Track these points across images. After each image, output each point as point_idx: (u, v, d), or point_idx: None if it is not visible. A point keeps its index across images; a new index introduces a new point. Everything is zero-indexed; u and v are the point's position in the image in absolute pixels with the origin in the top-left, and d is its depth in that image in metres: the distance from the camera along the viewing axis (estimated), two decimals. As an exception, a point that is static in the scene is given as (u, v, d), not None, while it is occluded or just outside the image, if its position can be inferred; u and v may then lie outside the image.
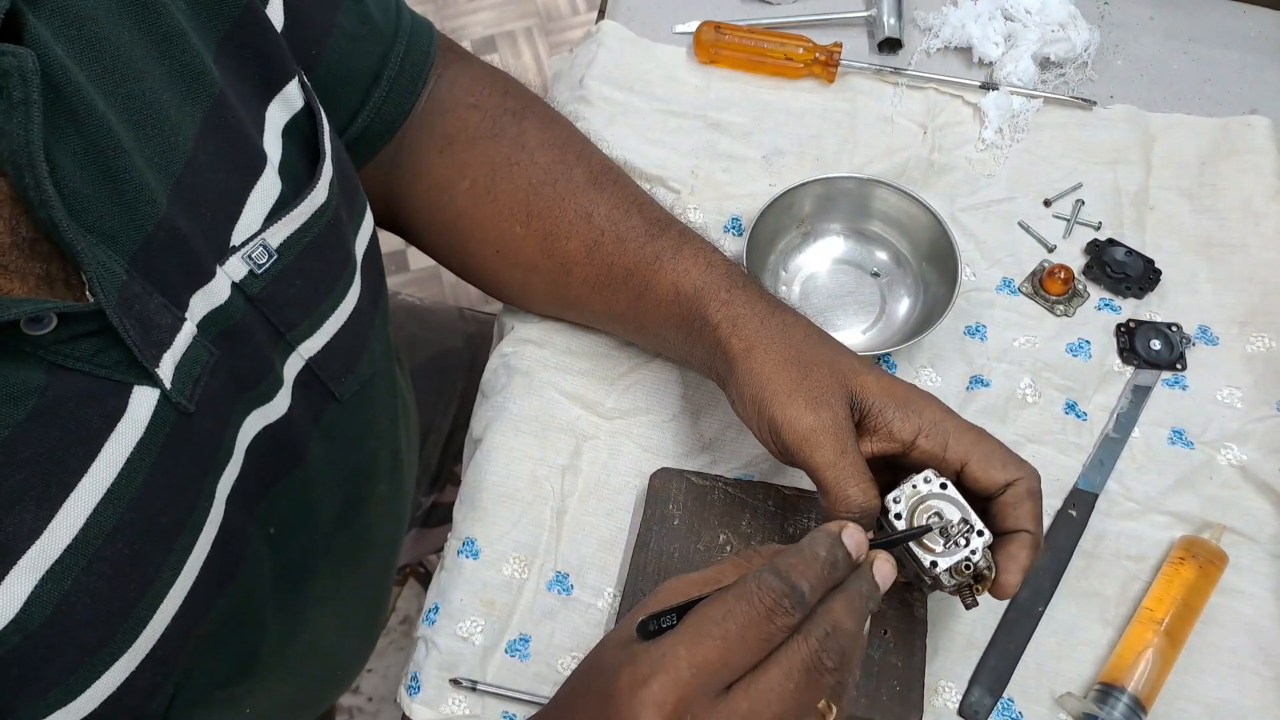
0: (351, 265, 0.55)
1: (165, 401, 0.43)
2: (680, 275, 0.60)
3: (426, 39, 0.65)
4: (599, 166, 0.65)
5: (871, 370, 0.55)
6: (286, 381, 0.52)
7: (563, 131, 0.66)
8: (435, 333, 0.94)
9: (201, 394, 0.45)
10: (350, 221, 0.55)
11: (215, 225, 0.46)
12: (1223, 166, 0.77)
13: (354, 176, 0.57)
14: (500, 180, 0.64)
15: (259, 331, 0.49)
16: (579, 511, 0.65)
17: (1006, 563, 0.51)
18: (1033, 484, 0.52)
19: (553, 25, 1.98)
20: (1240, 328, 0.71)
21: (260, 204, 0.47)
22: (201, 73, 0.45)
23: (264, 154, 0.48)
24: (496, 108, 0.65)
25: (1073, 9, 0.81)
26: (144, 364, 0.41)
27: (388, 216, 0.69)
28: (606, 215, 0.62)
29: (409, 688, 0.61)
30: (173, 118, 0.43)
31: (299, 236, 0.49)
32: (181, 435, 0.44)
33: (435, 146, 0.65)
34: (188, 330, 0.44)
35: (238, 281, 0.47)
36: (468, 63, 0.68)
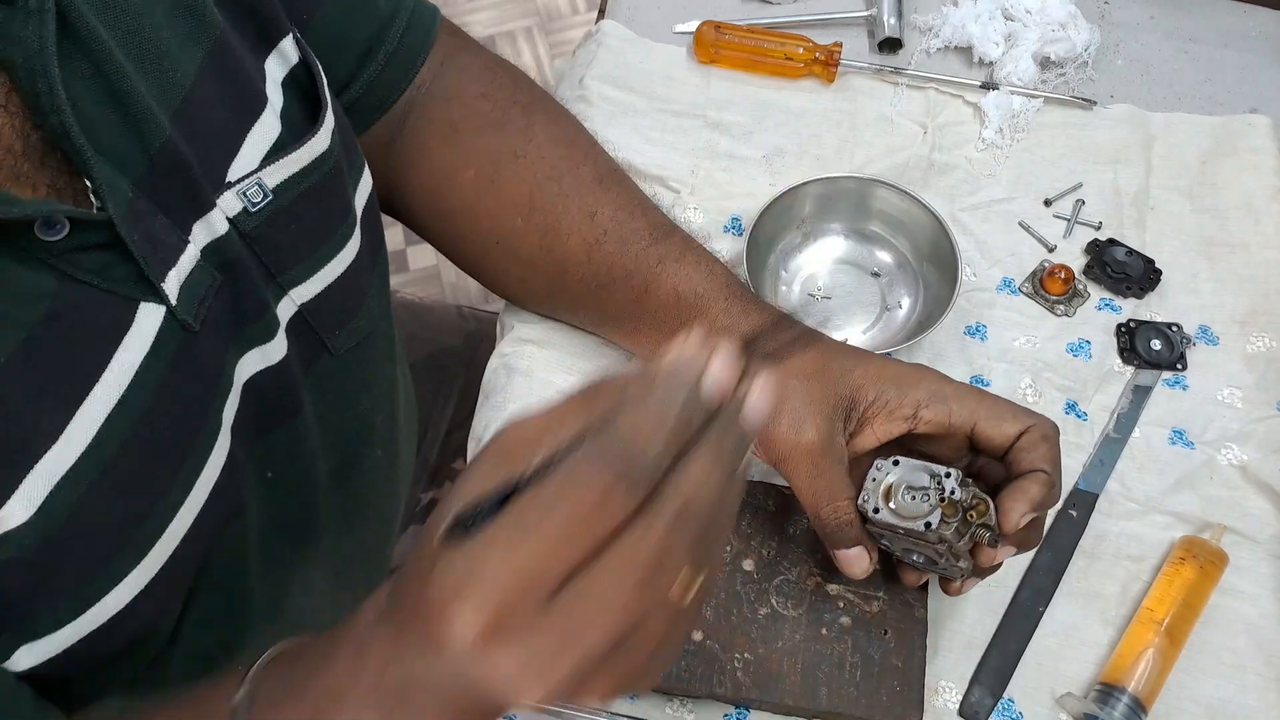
0: (351, 218, 0.55)
1: (171, 318, 0.44)
2: (681, 279, 0.60)
3: (429, 20, 0.65)
4: (605, 167, 0.65)
5: (866, 363, 0.56)
6: (278, 322, 0.52)
7: (571, 128, 0.67)
8: (434, 331, 0.94)
9: (206, 315, 0.46)
10: (351, 175, 0.56)
11: (213, 159, 0.47)
12: (1223, 166, 0.77)
13: (350, 132, 0.58)
14: (504, 172, 0.64)
15: (252, 269, 0.49)
16: (579, 511, 0.65)
17: (1014, 495, 0.51)
18: (1046, 430, 0.53)
19: (553, 25, 1.98)
20: (1240, 328, 0.71)
21: (258, 143, 0.48)
22: (203, 14, 0.46)
23: (264, 96, 0.49)
24: (506, 99, 0.66)
25: (1073, 9, 0.81)
26: (151, 279, 0.43)
27: (388, 201, 0.69)
28: (611, 216, 0.62)
29: (409, 688, 0.61)
30: (173, 54, 0.45)
31: (297, 180, 0.50)
32: (187, 356, 0.45)
33: (438, 133, 0.65)
34: (191, 252, 0.45)
35: (231, 217, 0.47)
36: (477, 52, 0.68)
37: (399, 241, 1.77)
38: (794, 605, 0.59)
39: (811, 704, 0.57)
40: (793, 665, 0.57)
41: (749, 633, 0.58)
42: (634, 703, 0.59)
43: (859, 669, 0.57)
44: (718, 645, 0.58)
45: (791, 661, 0.57)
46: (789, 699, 0.57)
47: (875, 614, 0.59)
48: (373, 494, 0.67)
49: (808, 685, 0.57)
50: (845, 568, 0.55)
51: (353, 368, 0.59)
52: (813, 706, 0.57)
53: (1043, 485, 0.51)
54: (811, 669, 0.57)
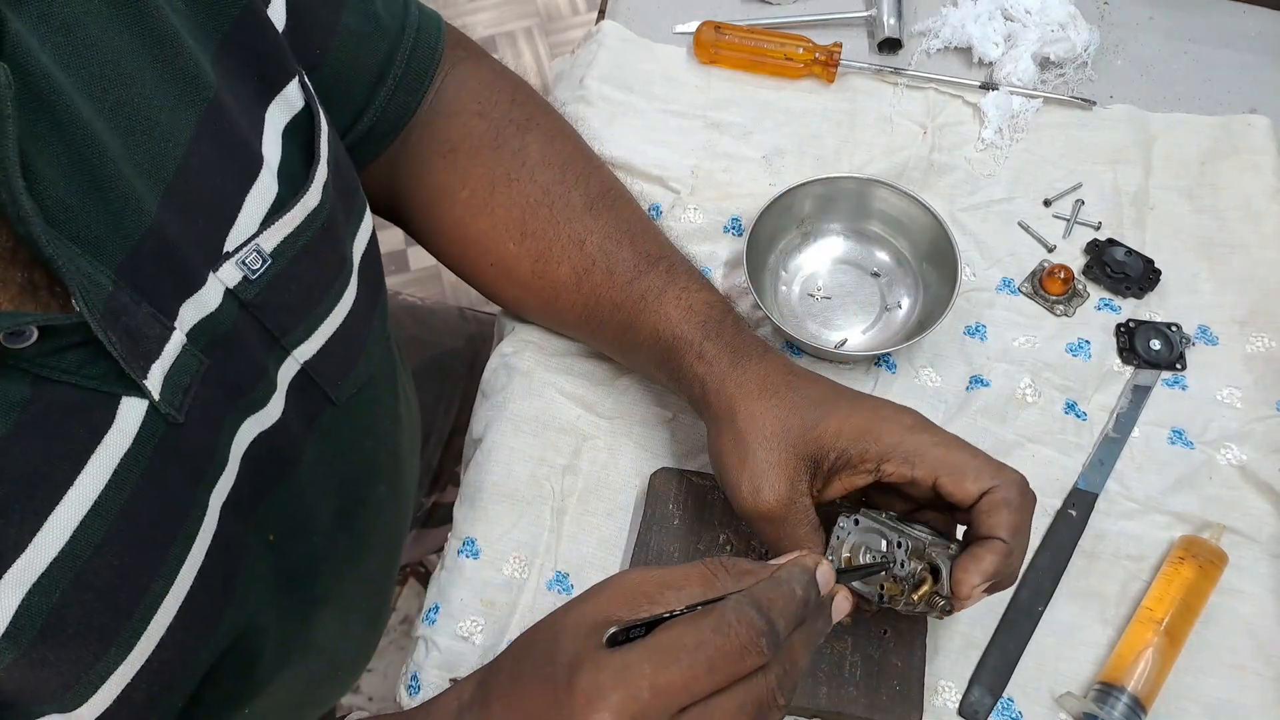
0: (347, 268, 0.54)
1: (154, 412, 0.42)
2: (660, 320, 0.60)
3: (434, 34, 0.64)
4: (597, 190, 0.64)
5: (831, 413, 0.55)
6: (280, 387, 0.51)
7: (565, 148, 0.66)
8: (436, 333, 0.94)
9: (192, 403, 0.44)
10: (349, 224, 0.55)
11: (209, 230, 0.45)
12: (1223, 166, 0.77)
13: (353, 178, 0.56)
14: (498, 195, 0.64)
15: (252, 338, 0.48)
16: (579, 511, 0.65)
17: (966, 564, 0.51)
18: (1009, 493, 0.51)
19: (553, 25, 1.99)
20: (1240, 327, 0.71)
21: (257, 208, 0.47)
22: (196, 76, 0.44)
23: (260, 157, 0.47)
24: (502, 117, 0.65)
25: (1073, 9, 0.81)
26: (131, 375, 0.41)
27: (392, 212, 0.69)
28: (598, 245, 0.62)
29: (409, 687, 0.61)
30: (165, 122, 0.43)
31: (293, 240, 0.49)
32: (171, 445, 0.43)
33: (439, 151, 0.65)
34: (177, 340, 0.43)
35: (232, 288, 0.46)
36: (478, 62, 0.67)
37: (399, 242, 1.77)
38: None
39: (811, 703, 0.57)
40: (792, 665, 0.57)
41: (749, 632, 0.58)
42: (634, 702, 0.59)
43: (859, 668, 0.57)
44: (718, 645, 0.58)
45: (791, 661, 0.58)
46: (789, 698, 0.57)
47: (875, 614, 0.59)
48: (378, 528, 0.67)
49: (808, 685, 0.57)
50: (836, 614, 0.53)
51: (355, 414, 0.59)
52: (813, 706, 0.57)
53: (998, 555, 0.50)
54: (811, 668, 0.57)
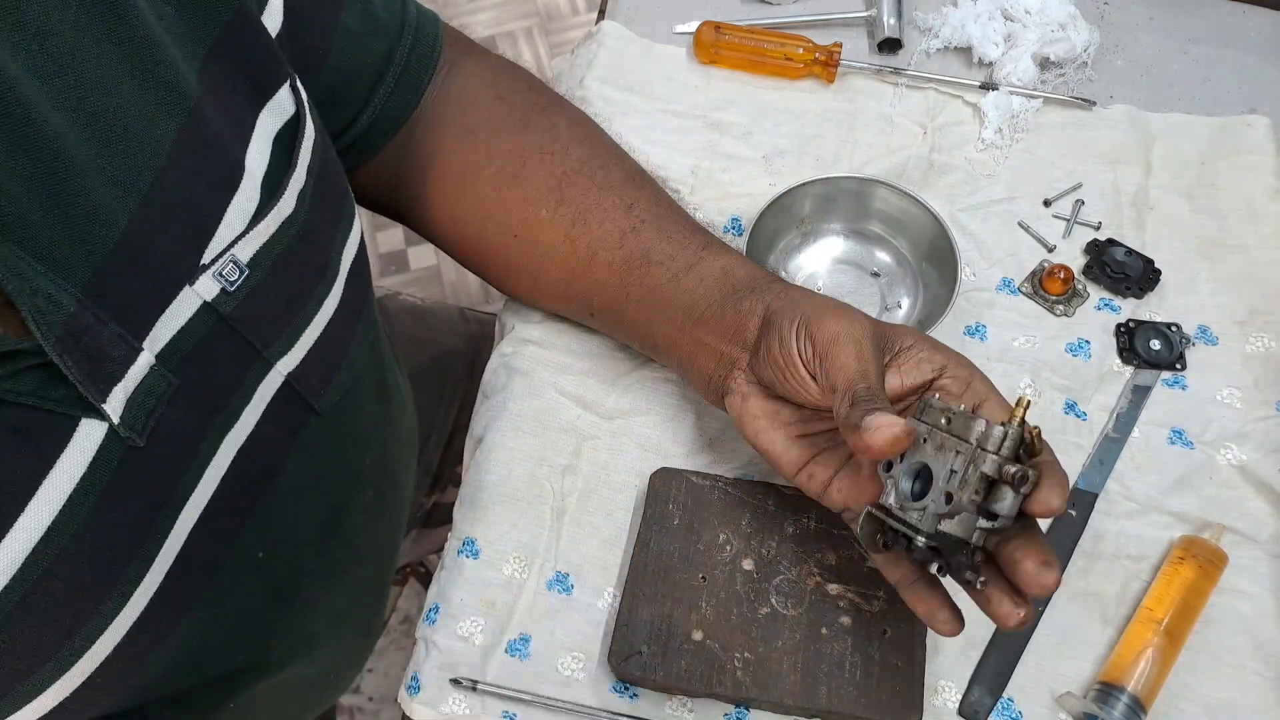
0: (329, 275, 0.53)
1: (113, 435, 0.41)
2: (733, 262, 0.61)
3: (432, 32, 0.64)
4: (634, 166, 0.65)
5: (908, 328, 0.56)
6: (259, 399, 0.50)
7: (594, 129, 0.67)
8: (436, 333, 0.94)
9: (156, 425, 0.43)
10: (335, 231, 0.54)
11: (187, 243, 0.44)
12: (1222, 166, 0.77)
13: (341, 185, 0.55)
14: (530, 167, 0.64)
15: (228, 352, 0.47)
16: (579, 511, 0.65)
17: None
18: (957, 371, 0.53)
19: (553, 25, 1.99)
20: (1240, 328, 0.71)
21: (237, 219, 0.46)
22: (176, 85, 0.43)
23: (243, 167, 0.46)
24: (524, 101, 0.65)
25: (1073, 9, 0.81)
26: (89, 399, 0.40)
27: (392, 206, 0.68)
28: (649, 209, 0.63)
29: (409, 687, 0.61)
30: (143, 132, 0.41)
31: (268, 249, 0.47)
32: (132, 469, 0.42)
33: (453, 134, 0.64)
34: (144, 361, 0.42)
35: (210, 300, 0.45)
36: (482, 56, 0.68)
37: (399, 241, 1.77)
38: (794, 605, 0.59)
39: (811, 703, 0.57)
40: (793, 665, 0.58)
41: (749, 632, 0.58)
42: (634, 702, 0.59)
43: (859, 668, 0.57)
44: (718, 645, 0.58)
45: (791, 661, 0.58)
46: (789, 698, 0.57)
47: (875, 613, 0.59)
48: (366, 534, 0.66)
49: (808, 685, 0.57)
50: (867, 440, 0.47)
51: (338, 422, 0.58)
52: (813, 706, 0.57)
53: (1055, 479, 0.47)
54: (811, 668, 0.57)
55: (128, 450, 0.42)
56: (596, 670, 0.60)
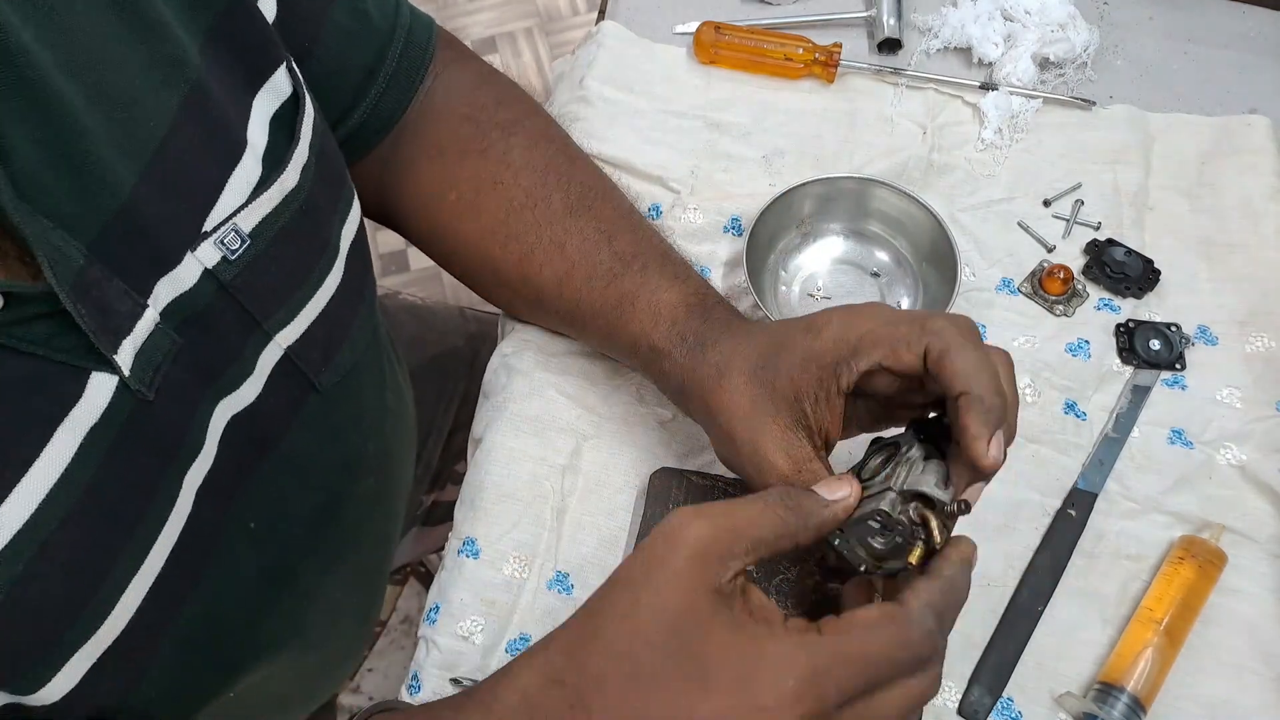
0: (330, 252, 0.54)
1: (124, 388, 0.42)
2: (638, 329, 0.59)
3: (425, 36, 0.65)
4: (577, 193, 0.64)
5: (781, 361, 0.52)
6: (259, 369, 0.51)
7: (548, 151, 0.65)
8: (436, 332, 0.94)
9: (163, 382, 0.44)
10: (335, 210, 0.55)
11: (189, 210, 0.45)
12: (1222, 166, 0.77)
13: (340, 166, 0.57)
14: (484, 198, 0.64)
15: (229, 320, 0.48)
16: (579, 511, 0.65)
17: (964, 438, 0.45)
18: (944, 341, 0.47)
19: (553, 25, 1.99)
20: (1240, 328, 0.71)
21: (238, 190, 0.47)
22: (181, 60, 0.44)
23: (245, 141, 0.48)
24: (488, 120, 0.65)
25: (1072, 9, 0.81)
26: (101, 350, 0.41)
27: (384, 215, 0.69)
28: (577, 248, 0.62)
29: (410, 687, 0.61)
30: (147, 103, 0.43)
31: (271, 220, 0.49)
32: (141, 423, 0.44)
33: (427, 154, 0.65)
34: (149, 317, 0.43)
35: (211, 267, 0.46)
36: (466, 64, 0.68)
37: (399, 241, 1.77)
38: (794, 605, 0.59)
39: (811, 703, 0.57)
40: (792, 665, 0.57)
41: (749, 632, 0.58)
42: (634, 702, 0.59)
43: (858, 668, 0.57)
44: (718, 645, 0.58)
45: (791, 661, 0.58)
46: (789, 698, 0.57)
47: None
48: (366, 521, 0.67)
49: (807, 685, 0.57)
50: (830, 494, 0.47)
51: (340, 403, 0.58)
52: (812, 706, 0.57)
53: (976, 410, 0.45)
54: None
55: (137, 404, 0.43)
56: (596, 670, 0.60)
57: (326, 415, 0.57)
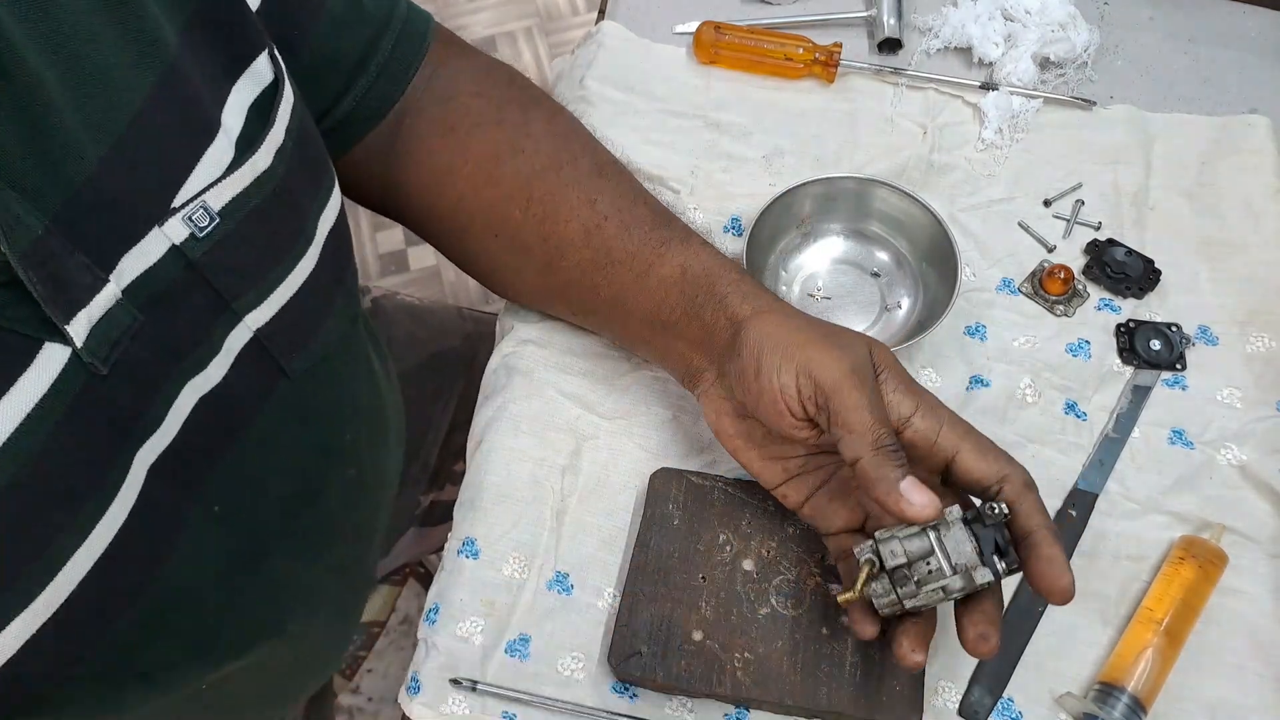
0: (304, 239, 0.54)
1: (76, 361, 0.42)
2: (689, 257, 0.60)
3: (422, 29, 0.65)
4: (604, 158, 0.65)
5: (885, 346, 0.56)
6: (226, 351, 0.51)
7: (568, 123, 0.67)
8: (434, 331, 0.94)
9: (120, 358, 0.44)
10: (313, 197, 0.55)
11: (157, 187, 0.46)
12: (1222, 166, 0.77)
13: (321, 153, 0.57)
14: (504, 165, 0.64)
15: (197, 298, 0.48)
16: (579, 511, 0.65)
17: (1044, 567, 0.50)
18: (1026, 477, 0.52)
19: (553, 25, 1.99)
20: (1240, 328, 0.71)
21: (209, 170, 0.47)
22: (156, 40, 0.45)
23: (218, 123, 0.48)
24: (501, 97, 0.66)
25: (1073, 9, 0.81)
26: (53, 320, 0.41)
27: (385, 203, 0.69)
28: (611, 203, 0.62)
29: (409, 688, 0.61)
30: (120, 80, 0.43)
31: (242, 201, 0.49)
32: (94, 398, 0.44)
33: (436, 133, 0.65)
34: (109, 291, 0.43)
35: (178, 244, 0.46)
36: (471, 56, 0.68)
37: (399, 241, 1.77)
38: (794, 605, 0.59)
39: (811, 703, 0.57)
40: (793, 665, 0.57)
41: (749, 632, 0.58)
42: (634, 703, 0.59)
43: (859, 669, 0.57)
44: (718, 645, 0.58)
45: (791, 661, 0.58)
46: (789, 698, 0.57)
47: None
48: (345, 513, 0.67)
49: (808, 685, 0.57)
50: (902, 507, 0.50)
51: (314, 390, 0.58)
52: (813, 706, 0.57)
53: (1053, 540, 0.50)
54: (811, 668, 0.57)
55: (90, 378, 0.43)
56: (596, 671, 0.60)
57: (298, 402, 0.57)
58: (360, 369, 0.65)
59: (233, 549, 0.56)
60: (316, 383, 0.58)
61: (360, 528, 0.71)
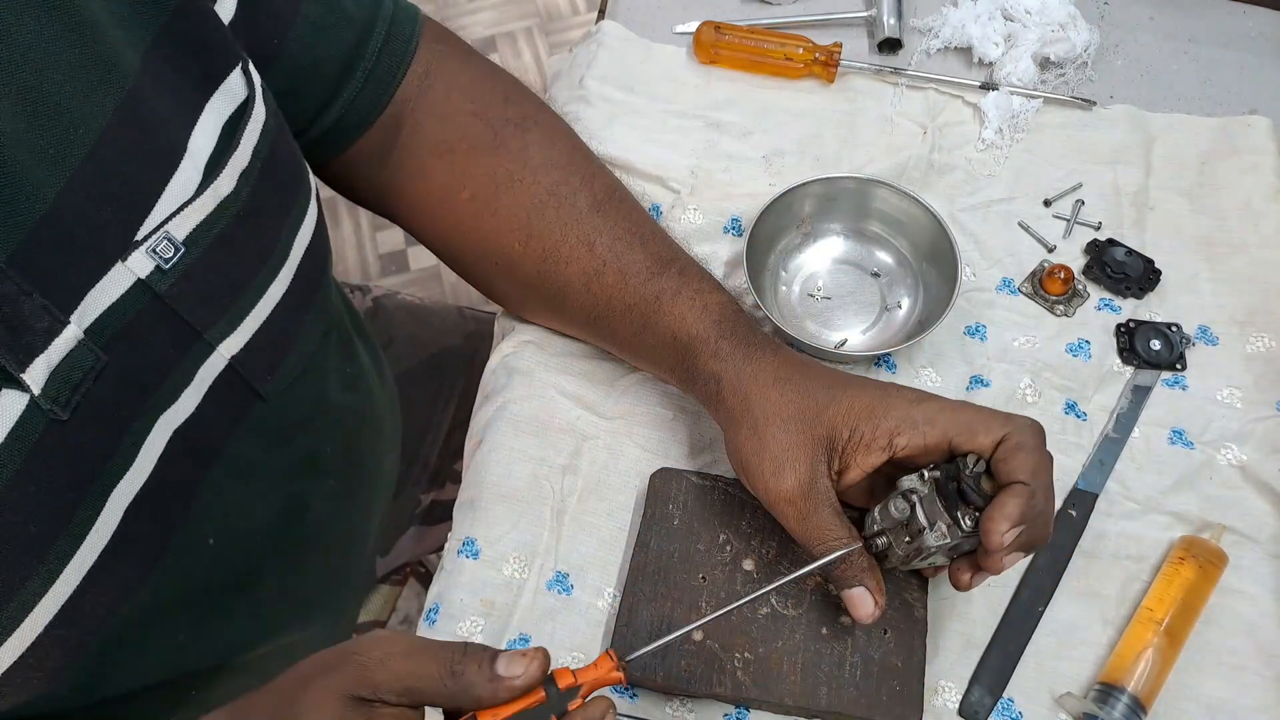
0: (276, 259, 0.53)
1: (35, 408, 0.41)
2: (676, 322, 0.60)
3: (409, 28, 0.63)
4: (603, 191, 0.64)
5: (839, 398, 0.55)
6: (198, 380, 0.50)
7: (566, 148, 0.66)
8: (434, 331, 0.94)
9: (83, 401, 0.43)
10: (288, 217, 0.54)
11: (120, 219, 0.44)
12: (1222, 166, 0.77)
13: (295, 171, 0.55)
14: (502, 196, 0.63)
15: (163, 332, 0.47)
16: (579, 511, 0.65)
17: (991, 512, 0.51)
18: (1023, 437, 0.52)
19: (553, 25, 1.99)
20: (1240, 328, 0.71)
21: (175, 198, 0.46)
22: (115, 63, 0.43)
23: (184, 148, 0.47)
24: (498, 117, 0.64)
25: (1073, 9, 0.81)
26: (8, 369, 0.40)
27: (381, 209, 0.68)
28: (608, 246, 0.62)
29: (409, 688, 0.61)
30: (77, 109, 0.42)
31: (206, 228, 0.47)
32: (55, 443, 0.42)
33: (434, 152, 0.64)
34: (70, 334, 0.42)
35: (144, 278, 0.45)
36: (465, 60, 0.67)
37: (399, 242, 1.77)
38: (794, 605, 0.59)
39: (811, 704, 0.57)
40: (793, 665, 0.57)
41: (749, 632, 0.58)
42: (634, 702, 0.59)
43: (859, 669, 0.57)
44: (718, 645, 0.58)
45: (792, 661, 0.58)
46: (789, 699, 0.57)
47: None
48: (331, 522, 0.66)
49: (808, 685, 0.57)
50: (852, 610, 0.55)
51: (289, 407, 0.58)
52: (813, 706, 0.57)
53: (1020, 498, 0.50)
54: (812, 669, 0.57)
55: (50, 423, 0.42)
56: (596, 670, 0.60)
57: (272, 420, 0.57)
58: (338, 381, 0.64)
59: (222, 574, 0.55)
60: (291, 401, 0.58)
61: (349, 534, 0.71)
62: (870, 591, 0.54)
